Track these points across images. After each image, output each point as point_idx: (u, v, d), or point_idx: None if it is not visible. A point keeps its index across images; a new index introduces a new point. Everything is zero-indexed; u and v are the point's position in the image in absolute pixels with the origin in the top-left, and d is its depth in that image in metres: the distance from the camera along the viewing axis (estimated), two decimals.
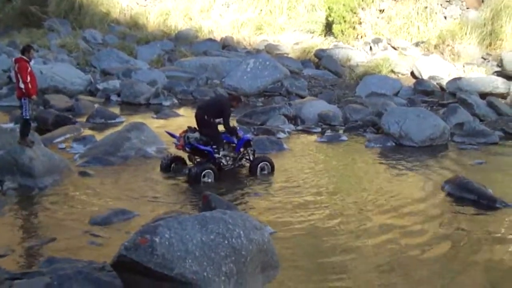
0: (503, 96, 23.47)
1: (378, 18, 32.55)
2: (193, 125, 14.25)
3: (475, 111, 21.17)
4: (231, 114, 14.66)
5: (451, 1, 32.03)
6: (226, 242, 7.34)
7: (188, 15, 38.76)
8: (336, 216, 11.63)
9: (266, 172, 14.40)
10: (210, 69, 27.42)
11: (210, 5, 38.91)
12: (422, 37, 31.05)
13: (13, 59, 13.46)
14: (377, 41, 30.85)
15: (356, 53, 30.37)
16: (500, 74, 25.87)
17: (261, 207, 12.11)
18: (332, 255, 9.78)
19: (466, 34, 29.30)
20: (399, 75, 28.01)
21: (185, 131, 14.03)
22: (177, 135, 14.15)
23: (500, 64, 26.89)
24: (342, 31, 32.14)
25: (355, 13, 32.10)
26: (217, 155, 13.96)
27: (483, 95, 22.90)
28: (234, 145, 14.36)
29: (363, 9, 32.21)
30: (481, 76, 25.74)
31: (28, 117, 13.16)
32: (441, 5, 32.10)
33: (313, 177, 14.46)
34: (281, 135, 18.47)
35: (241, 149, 14.44)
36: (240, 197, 12.87)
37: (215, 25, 37.16)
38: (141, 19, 39.77)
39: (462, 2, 31.85)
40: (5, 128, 16.69)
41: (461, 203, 12.45)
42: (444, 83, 25.12)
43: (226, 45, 33.78)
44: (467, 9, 31.49)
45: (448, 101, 23.06)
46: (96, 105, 21.70)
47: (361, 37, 32.19)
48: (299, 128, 19.99)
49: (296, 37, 34.50)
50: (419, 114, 18.56)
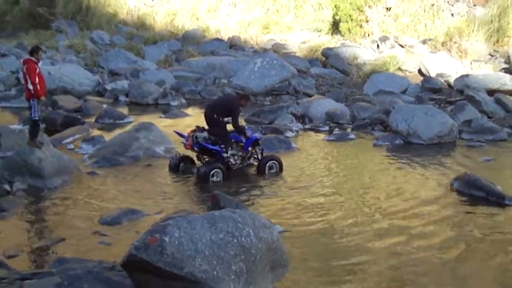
0: (511, 93, 23.36)
1: (385, 16, 32.49)
2: (201, 124, 14.28)
3: (483, 108, 21.12)
4: (240, 113, 14.66)
5: None
6: (235, 241, 7.35)
7: (195, 15, 38.80)
8: (345, 215, 11.63)
9: (274, 171, 14.42)
10: (217, 69, 27.45)
11: (217, 5, 38.93)
12: (429, 34, 30.98)
13: (22, 60, 13.49)
14: (384, 39, 30.80)
15: (363, 51, 30.32)
16: (507, 70, 25.80)
17: (270, 206, 12.12)
18: (341, 255, 9.77)
19: (473, 31, 29.24)
20: (407, 73, 27.95)
21: (194, 131, 14.06)
22: (186, 134, 14.18)
23: (507, 60, 26.85)
24: (349, 29, 32.10)
25: (362, 11, 32.06)
26: (225, 155, 13.98)
27: (491, 92, 22.84)
28: (242, 144, 14.38)
29: (370, 7, 32.15)
30: (488, 73, 25.68)
31: (37, 118, 13.20)
32: (448, 2, 32.01)
33: (322, 175, 14.47)
34: (289, 134, 18.46)
35: (250, 148, 14.46)
36: (249, 196, 12.89)
37: (222, 25, 37.18)
38: (148, 19, 39.84)
39: None
40: (14, 129, 16.76)
41: (470, 200, 12.44)
42: (451, 80, 25.07)
43: (233, 45, 33.80)
44: (474, 6, 31.40)
45: (456, 98, 23.01)
46: (104, 106, 21.75)
47: (368, 35, 32.14)
48: (307, 126, 19.98)
49: (303, 36, 34.47)
50: (427, 111, 18.53)
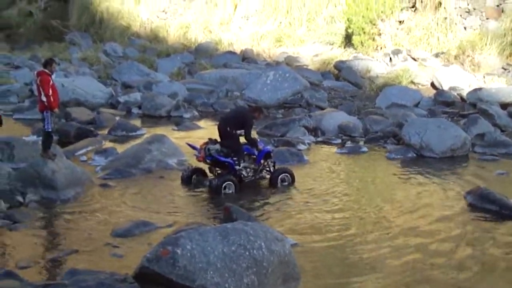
0: None
1: (397, 29, 32.48)
2: (213, 136, 14.31)
3: (496, 122, 21.03)
4: (253, 125, 14.67)
5: (471, 11, 31.91)
6: (247, 253, 7.36)
7: (208, 28, 38.95)
8: (358, 229, 11.60)
9: (286, 183, 14.40)
10: (230, 82, 27.49)
11: (229, 18, 39.09)
12: (442, 48, 30.92)
13: (35, 73, 13.58)
14: (396, 52, 30.77)
15: (376, 64, 30.29)
16: None
17: (282, 218, 12.11)
18: (354, 270, 9.74)
19: (486, 44, 29.16)
20: (419, 86, 27.90)
21: (206, 143, 14.08)
22: (198, 147, 14.20)
23: None
24: (361, 42, 32.10)
25: (374, 25, 32.05)
26: (237, 167, 13.99)
27: (504, 106, 22.76)
28: (254, 156, 14.38)
29: (382, 20, 32.15)
30: (501, 86, 25.59)
31: (50, 130, 13.27)
32: (461, 15, 31.98)
33: (334, 189, 14.43)
34: (301, 147, 18.43)
35: (262, 161, 14.46)
36: (261, 208, 12.89)
37: (234, 38, 37.30)
38: (161, 32, 40.04)
39: (482, 12, 31.70)
40: (27, 140, 16.84)
41: (483, 214, 12.37)
42: (464, 93, 24.99)
43: (246, 58, 33.87)
44: (487, 19, 31.34)
45: (468, 111, 22.93)
46: (117, 118, 21.81)
47: (381, 48, 32.12)
48: (319, 139, 19.95)
49: (315, 49, 34.51)
50: (439, 125, 18.48)
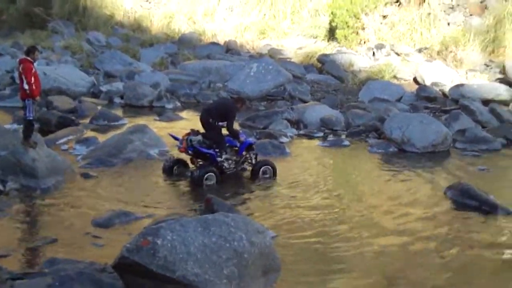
0: (505, 103, 23.45)
1: (381, 23, 32.56)
2: (196, 127, 14.28)
3: (478, 118, 21.15)
4: (235, 117, 14.65)
5: (455, 7, 32.05)
6: (228, 245, 7.36)
7: (191, 19, 38.81)
8: (338, 221, 11.65)
9: (268, 176, 14.39)
10: (213, 73, 27.43)
11: (214, 9, 38.96)
12: (425, 43, 31.04)
13: (18, 60, 13.47)
14: (380, 47, 30.85)
15: (359, 59, 30.35)
16: (502, 81, 25.86)
17: (263, 210, 12.12)
18: (334, 260, 9.80)
19: (469, 40, 29.31)
20: (402, 81, 27.99)
21: (188, 134, 14.05)
22: (180, 137, 14.17)
23: (502, 71, 26.90)
24: (345, 36, 32.15)
25: (358, 19, 32.11)
26: (219, 159, 13.97)
27: (486, 102, 22.89)
28: (236, 148, 14.38)
29: (366, 14, 32.21)
30: (483, 83, 25.74)
31: (31, 118, 13.20)
32: (445, 11, 32.11)
33: (316, 181, 14.47)
34: (284, 139, 18.44)
35: (244, 153, 14.46)
36: (242, 200, 12.89)
37: (218, 29, 37.21)
38: (145, 21, 39.84)
39: (465, 9, 31.86)
40: (8, 128, 16.72)
41: (463, 210, 12.46)
42: (446, 89, 25.13)
43: (229, 49, 33.81)
44: (471, 16, 31.49)
45: (450, 107, 23.06)
46: (99, 107, 21.73)
47: (364, 42, 32.20)
48: (302, 132, 19.97)
49: (299, 42, 34.52)
50: (421, 120, 18.55)
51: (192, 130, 14.19)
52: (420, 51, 30.52)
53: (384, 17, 32.64)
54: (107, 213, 11.30)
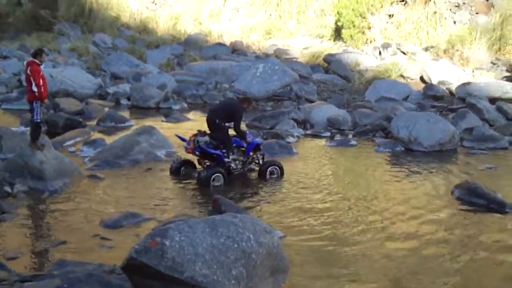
0: None
1: (387, 23, 32.54)
2: (203, 128, 14.29)
3: (485, 116, 21.11)
4: (242, 117, 14.66)
5: (461, 6, 32.00)
6: (236, 245, 7.35)
7: (197, 20, 38.89)
8: (346, 221, 11.61)
9: (275, 176, 14.40)
10: (219, 73, 27.49)
11: (219, 10, 39.04)
12: (431, 42, 31.02)
13: (25, 62, 13.47)
14: (386, 46, 30.84)
15: (365, 58, 30.35)
16: (509, 79, 25.82)
17: (271, 211, 12.11)
18: (342, 261, 9.75)
19: (475, 39, 29.28)
20: (409, 80, 27.99)
21: (195, 135, 14.07)
22: (187, 138, 14.18)
23: (509, 69, 26.89)
24: (351, 36, 32.15)
25: (364, 18, 32.11)
26: (226, 159, 13.98)
27: (493, 100, 22.85)
28: (243, 149, 14.39)
29: (372, 14, 32.20)
30: (490, 81, 25.69)
31: (39, 121, 13.24)
32: (451, 10, 32.06)
33: (323, 181, 14.46)
34: (290, 139, 18.45)
35: (251, 153, 14.47)
36: (249, 201, 12.88)
37: (224, 30, 37.28)
38: (151, 23, 39.94)
39: (471, 7, 31.81)
40: (15, 131, 16.77)
41: (470, 208, 12.41)
42: (453, 88, 25.11)
43: (235, 50, 33.86)
44: (477, 14, 31.45)
45: (457, 106, 23.02)
46: (106, 109, 21.80)
47: (370, 42, 32.19)
48: (308, 132, 19.99)
49: (305, 42, 34.55)
50: (428, 118, 18.53)
51: (199, 131, 14.20)
52: (426, 49, 30.49)
53: (390, 16, 32.64)
54: (115, 214, 11.32)
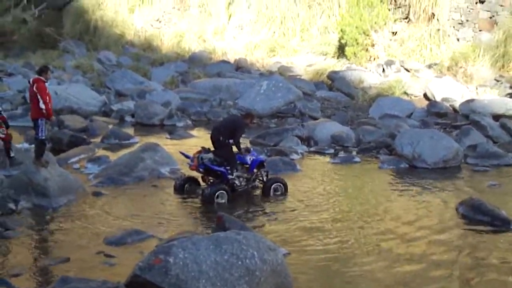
0: None
1: (390, 40, 32.63)
2: (207, 145, 14.31)
3: (489, 133, 21.10)
4: (245, 132, 14.68)
5: (464, 23, 32.09)
6: (240, 262, 7.36)
7: (202, 37, 39.01)
8: (350, 239, 11.59)
9: (279, 193, 14.40)
10: (223, 91, 27.54)
11: (224, 27, 39.17)
12: (435, 59, 31.08)
13: (31, 80, 13.48)
14: (390, 63, 30.89)
15: (369, 75, 30.39)
16: None
17: (275, 228, 12.11)
18: (346, 279, 9.74)
19: (479, 56, 29.31)
20: (412, 97, 28.00)
21: (199, 152, 14.08)
22: (191, 155, 14.20)
23: None
24: (355, 53, 32.22)
25: (367, 36, 32.19)
26: (230, 176, 13.98)
27: (496, 117, 22.84)
28: (247, 166, 14.40)
29: (375, 31, 32.29)
30: (494, 98, 25.70)
31: (43, 138, 13.29)
32: (454, 27, 32.16)
33: (327, 199, 14.44)
34: (294, 156, 18.45)
35: (255, 170, 14.47)
36: (253, 218, 12.88)
37: (228, 47, 37.39)
38: (155, 41, 40.06)
39: (474, 24, 31.91)
40: (20, 148, 16.81)
41: (475, 225, 12.39)
42: (457, 105, 25.11)
43: (239, 67, 33.94)
44: (480, 31, 31.54)
45: (461, 123, 23.02)
46: (110, 126, 21.83)
47: (374, 59, 32.26)
48: (312, 149, 19.98)
49: (309, 59, 34.62)
50: (432, 136, 18.53)
51: (203, 148, 14.22)
52: (430, 67, 30.53)
53: (393, 33, 32.74)
54: (119, 231, 11.32)
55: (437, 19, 32.23)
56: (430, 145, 17.93)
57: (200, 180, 14.54)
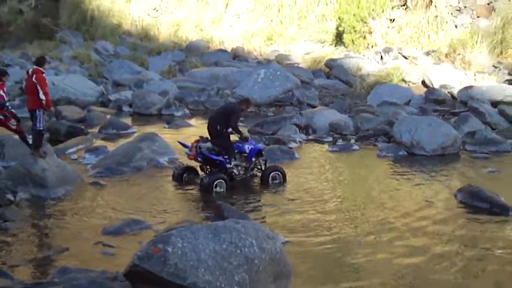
0: None
1: (388, 27, 32.57)
2: (205, 135, 14.29)
3: (487, 120, 21.11)
4: (241, 117, 14.68)
5: (462, 10, 32.03)
6: (238, 251, 7.34)
7: (199, 26, 38.94)
8: (349, 226, 11.58)
9: (277, 181, 14.39)
10: (221, 80, 27.51)
11: (221, 16, 39.09)
12: (433, 46, 31.03)
13: (30, 70, 13.35)
14: (387, 51, 30.85)
15: (367, 63, 30.35)
16: (511, 82, 25.79)
17: (273, 216, 12.10)
18: (345, 267, 9.74)
19: (477, 42, 29.26)
20: (410, 84, 27.97)
21: (197, 141, 14.06)
22: (189, 145, 14.18)
23: (511, 72, 26.83)
24: (352, 40, 32.17)
25: (365, 23, 32.13)
26: (229, 165, 13.97)
27: (495, 104, 22.84)
28: (246, 155, 14.38)
29: (373, 18, 32.22)
30: (492, 84, 25.66)
31: (41, 128, 13.27)
32: (452, 14, 32.09)
33: (325, 186, 14.45)
34: (293, 145, 18.46)
35: (253, 159, 14.46)
36: (252, 206, 12.88)
37: (226, 36, 37.34)
38: (152, 30, 40.01)
39: (472, 11, 31.84)
40: (17, 139, 16.75)
41: (473, 212, 12.40)
42: (455, 91, 25.09)
43: (237, 56, 33.91)
44: (478, 18, 31.47)
45: (459, 109, 23.02)
46: (108, 116, 21.81)
47: (372, 46, 32.22)
48: (311, 137, 19.99)
49: (306, 47, 34.58)
50: (430, 123, 18.52)
51: (201, 137, 14.20)
52: (428, 54, 30.48)
53: (391, 20, 32.67)
54: (118, 221, 11.31)
55: (435, 6, 32.16)
56: (428, 132, 17.93)
57: (198, 169, 14.53)
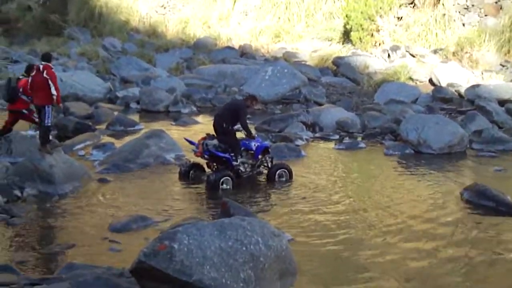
0: None
1: (396, 25, 32.53)
2: (212, 132, 14.31)
3: (494, 118, 21.06)
4: (247, 113, 14.69)
5: (470, 8, 31.96)
6: (244, 248, 7.35)
7: (206, 23, 38.96)
8: (355, 225, 11.58)
9: (284, 179, 14.41)
10: (228, 77, 27.54)
11: (228, 13, 39.09)
12: (440, 44, 30.99)
13: (41, 66, 13.31)
14: (395, 49, 30.82)
15: (374, 61, 30.34)
16: None
17: (279, 214, 12.11)
18: (351, 265, 9.72)
19: (484, 41, 29.21)
20: (418, 82, 27.96)
21: (204, 138, 14.08)
22: (196, 142, 14.20)
23: None
24: (360, 38, 32.14)
25: (373, 21, 32.10)
26: (235, 162, 13.99)
27: (502, 102, 22.81)
28: (252, 152, 14.39)
29: (381, 16, 32.19)
30: (499, 83, 25.64)
31: (49, 125, 13.31)
32: (459, 12, 32.02)
33: (332, 184, 14.45)
34: (299, 142, 18.46)
35: (260, 156, 14.47)
36: (258, 204, 12.90)
37: (233, 33, 37.34)
38: (160, 27, 40.03)
39: (480, 9, 31.76)
40: (25, 135, 16.83)
41: (479, 211, 12.38)
42: (462, 90, 25.05)
43: (244, 53, 33.92)
44: (486, 16, 31.40)
45: (466, 108, 22.98)
46: (115, 113, 21.84)
47: (379, 44, 32.17)
48: (317, 135, 19.99)
49: (314, 45, 34.57)
50: (437, 121, 18.50)
51: (207, 134, 14.22)
52: (435, 52, 30.45)
53: (399, 18, 32.63)
54: (124, 218, 11.34)
55: (443, 4, 32.12)
56: (435, 131, 17.90)
57: (205, 166, 14.54)
